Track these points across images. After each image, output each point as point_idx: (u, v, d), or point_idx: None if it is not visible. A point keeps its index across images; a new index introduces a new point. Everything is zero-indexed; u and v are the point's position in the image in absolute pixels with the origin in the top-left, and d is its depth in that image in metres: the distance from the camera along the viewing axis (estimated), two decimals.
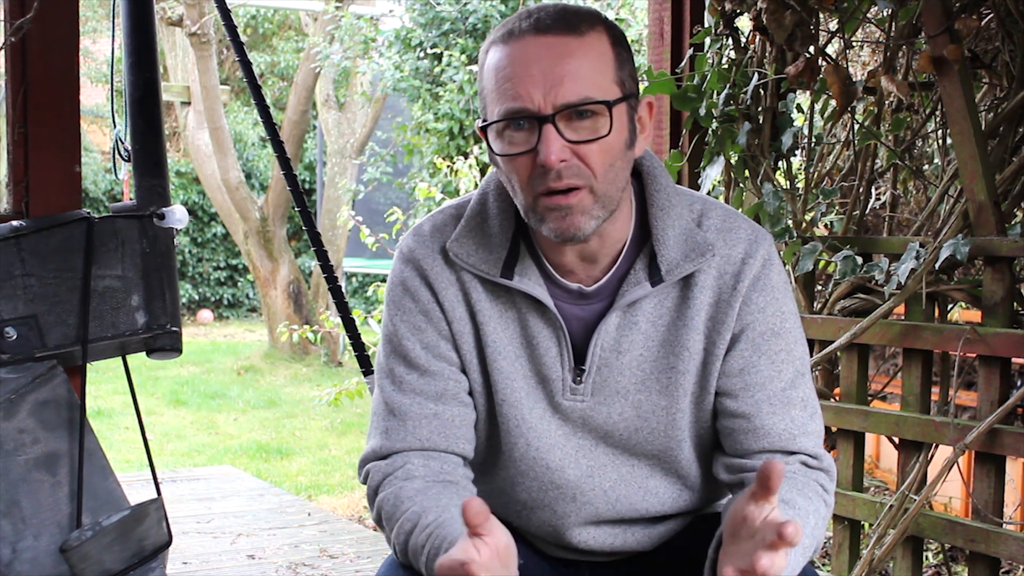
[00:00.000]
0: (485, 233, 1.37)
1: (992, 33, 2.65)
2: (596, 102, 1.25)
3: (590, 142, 1.25)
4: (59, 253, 2.12)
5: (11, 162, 2.30)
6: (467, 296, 1.38)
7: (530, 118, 1.25)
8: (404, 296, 1.40)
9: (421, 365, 1.39)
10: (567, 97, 1.24)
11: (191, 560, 3.70)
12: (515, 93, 1.25)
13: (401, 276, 1.41)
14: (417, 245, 1.41)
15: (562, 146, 1.24)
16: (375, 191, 9.47)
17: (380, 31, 8.94)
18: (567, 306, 1.37)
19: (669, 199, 1.37)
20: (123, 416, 6.94)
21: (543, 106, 1.24)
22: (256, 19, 14.51)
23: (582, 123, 1.26)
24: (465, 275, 1.38)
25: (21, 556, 2.01)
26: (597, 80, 1.26)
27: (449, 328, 1.39)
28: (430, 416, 1.38)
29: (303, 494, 5.09)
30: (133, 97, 2.25)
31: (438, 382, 1.39)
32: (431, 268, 1.39)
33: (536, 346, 1.38)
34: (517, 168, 1.28)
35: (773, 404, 1.35)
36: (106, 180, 12.15)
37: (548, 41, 1.26)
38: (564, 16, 1.27)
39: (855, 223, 2.71)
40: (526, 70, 1.25)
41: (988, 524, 2.26)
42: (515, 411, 1.38)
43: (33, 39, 2.26)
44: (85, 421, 2.12)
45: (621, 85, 1.29)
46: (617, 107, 1.27)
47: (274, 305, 9.69)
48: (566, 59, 1.25)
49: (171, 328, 2.19)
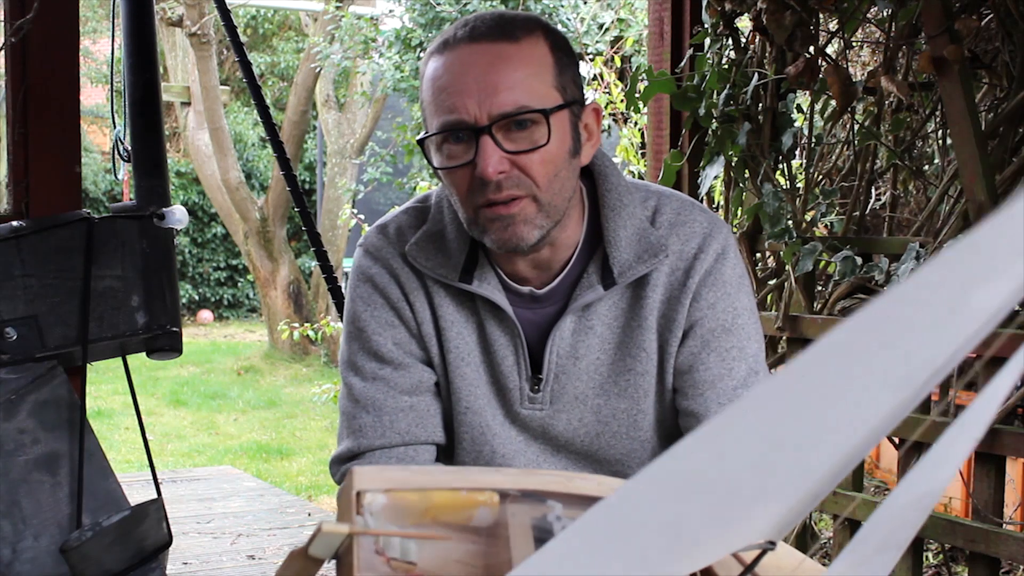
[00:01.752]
0: (444, 239, 1.35)
1: (992, 33, 2.65)
2: (533, 111, 1.21)
3: (529, 152, 1.21)
4: (59, 253, 2.12)
5: (11, 162, 2.30)
6: (431, 300, 1.36)
7: (467, 130, 1.21)
8: (373, 292, 1.37)
9: (394, 359, 1.37)
10: (502, 107, 1.20)
11: (191, 560, 3.70)
12: (451, 105, 1.21)
13: (369, 272, 1.38)
14: (382, 243, 1.39)
15: (500, 157, 1.21)
16: (375, 191, 9.47)
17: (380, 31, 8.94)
18: (520, 311, 1.34)
19: (620, 199, 1.33)
20: (123, 416, 6.94)
21: (479, 117, 1.20)
22: (256, 19, 14.50)
23: (520, 133, 1.22)
24: (428, 280, 1.36)
25: (21, 556, 2.01)
26: (534, 87, 1.22)
27: (419, 329, 1.37)
28: (406, 408, 1.36)
29: (303, 494, 5.09)
30: (133, 97, 2.25)
31: (412, 374, 1.37)
32: (400, 267, 1.37)
33: (494, 354, 1.35)
34: (456, 181, 1.24)
35: (723, 403, 1.31)
36: (106, 180, 12.15)
37: (482, 49, 1.22)
38: (500, 23, 1.24)
39: (855, 223, 2.71)
40: (461, 80, 1.21)
41: (988, 524, 2.26)
42: (479, 418, 1.37)
43: (33, 39, 2.26)
44: (85, 421, 2.11)
45: (562, 91, 1.25)
46: (556, 115, 1.23)
47: (274, 305, 9.69)
48: (501, 67, 1.21)
49: (171, 328, 2.19)
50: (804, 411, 0.77)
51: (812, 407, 0.77)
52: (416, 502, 1.04)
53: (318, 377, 8.74)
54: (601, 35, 6.72)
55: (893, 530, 0.92)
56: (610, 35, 6.70)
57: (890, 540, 0.93)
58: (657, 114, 3.03)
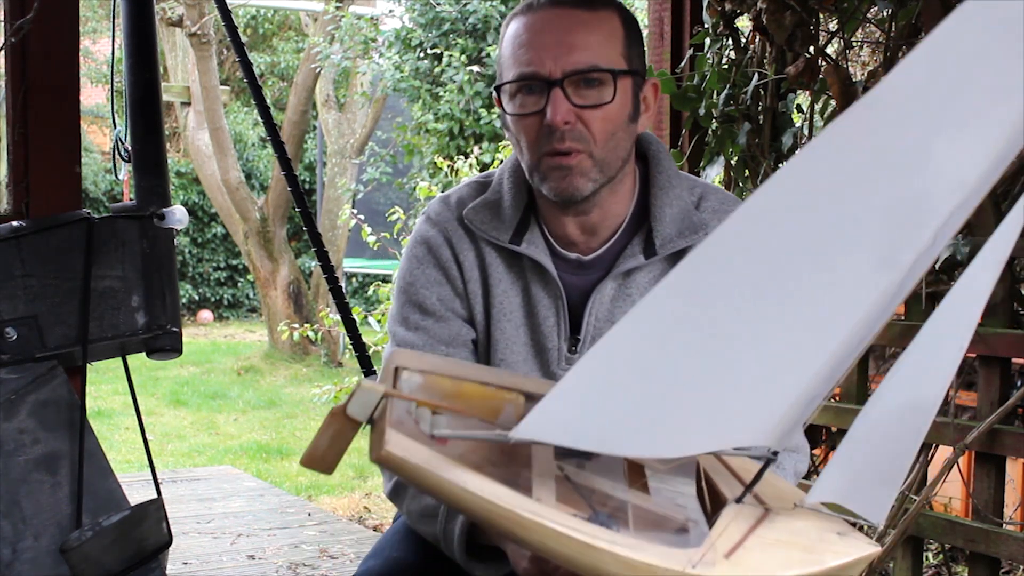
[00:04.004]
0: (500, 205, 1.45)
1: None
2: (603, 70, 1.33)
3: (595, 108, 1.33)
4: (59, 253, 2.12)
5: (11, 162, 2.30)
6: (482, 260, 1.46)
7: (540, 82, 1.33)
8: (427, 253, 1.48)
9: (436, 312, 1.46)
10: (576, 64, 1.32)
11: (191, 560, 3.70)
12: (528, 59, 1.34)
13: (425, 235, 1.49)
14: (443, 209, 1.50)
15: (568, 109, 1.32)
16: (375, 191, 9.48)
17: (380, 31, 8.95)
18: (566, 276, 1.44)
19: (670, 180, 1.44)
20: (123, 416, 6.94)
21: (553, 71, 1.32)
22: (256, 19, 14.51)
23: (588, 90, 1.33)
24: (482, 242, 1.46)
25: (21, 556, 2.01)
26: (606, 52, 1.34)
27: (464, 288, 1.46)
28: (441, 355, 1.43)
29: (303, 494, 5.09)
30: (133, 97, 2.25)
31: (451, 327, 1.46)
32: (454, 231, 1.47)
33: (536, 315, 1.44)
34: (525, 128, 1.36)
35: None
36: (106, 180, 12.15)
37: (563, 13, 1.35)
38: None
39: None
40: (540, 38, 1.34)
41: (988, 524, 2.26)
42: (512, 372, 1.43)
43: (33, 39, 2.26)
44: (85, 421, 2.11)
45: (628, 61, 1.37)
46: (622, 79, 1.35)
47: (274, 305, 9.69)
48: (578, 30, 1.34)
49: (171, 328, 2.19)
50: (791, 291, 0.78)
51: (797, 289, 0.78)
52: (448, 387, 1.08)
53: (318, 377, 8.74)
54: None
55: (882, 452, 0.91)
56: None
57: (885, 469, 0.92)
58: (657, 114, 3.03)
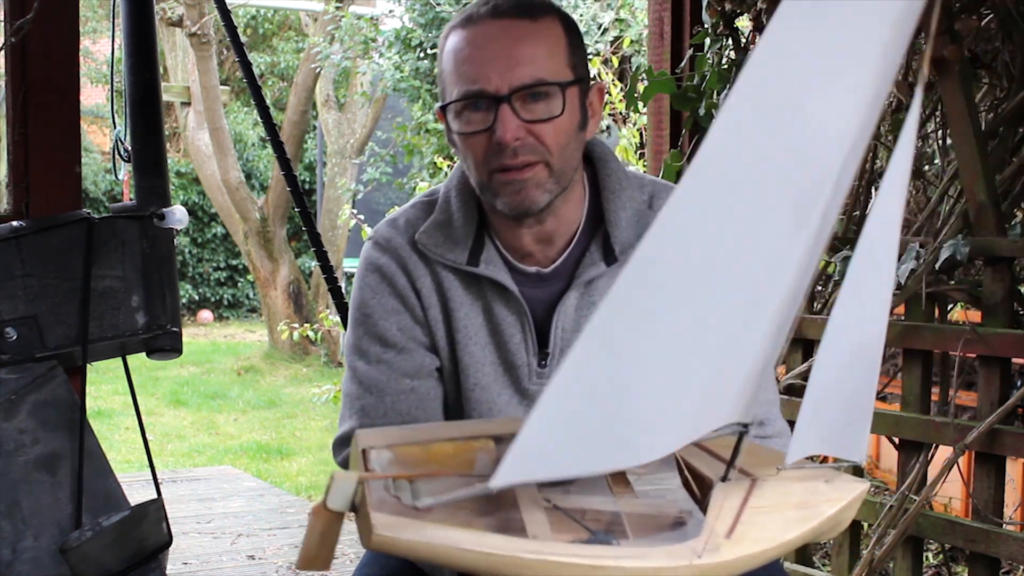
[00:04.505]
0: (451, 225, 1.42)
1: (992, 33, 2.65)
2: (550, 83, 1.30)
3: (544, 121, 1.31)
4: (59, 253, 2.12)
5: (11, 162, 2.30)
6: (440, 285, 1.42)
7: (487, 99, 1.30)
8: (381, 281, 1.44)
9: (397, 343, 1.42)
10: (522, 79, 1.29)
11: (191, 560, 3.70)
12: (473, 75, 1.31)
13: (377, 262, 1.44)
14: (393, 234, 1.45)
15: (517, 125, 1.30)
16: (375, 191, 9.47)
17: (380, 31, 8.94)
18: (527, 290, 1.41)
19: (620, 182, 1.41)
20: (123, 416, 6.94)
21: (500, 87, 1.29)
22: (256, 19, 14.50)
23: (536, 104, 1.31)
24: (437, 265, 1.42)
25: (21, 556, 2.01)
26: (551, 63, 1.31)
27: (424, 315, 1.43)
28: (407, 391, 1.40)
29: (303, 494, 5.08)
30: (133, 97, 2.25)
31: (414, 358, 1.42)
32: (408, 256, 1.43)
33: (501, 333, 1.41)
34: (474, 146, 1.33)
35: None
36: (106, 180, 12.14)
37: (505, 25, 1.32)
38: (520, 2, 1.33)
39: (855, 223, 2.71)
40: (483, 52, 1.31)
41: (988, 524, 2.26)
42: (486, 395, 1.41)
43: (33, 39, 2.26)
44: (85, 421, 2.11)
45: (574, 69, 1.34)
46: (570, 89, 1.32)
47: (274, 305, 9.69)
48: (521, 43, 1.31)
49: (171, 328, 2.19)
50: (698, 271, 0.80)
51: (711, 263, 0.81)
52: (418, 453, 1.08)
53: (318, 377, 8.74)
54: (600, 35, 6.72)
55: (845, 395, 0.94)
56: (609, 35, 6.70)
57: (851, 409, 0.96)
58: (657, 114, 3.03)
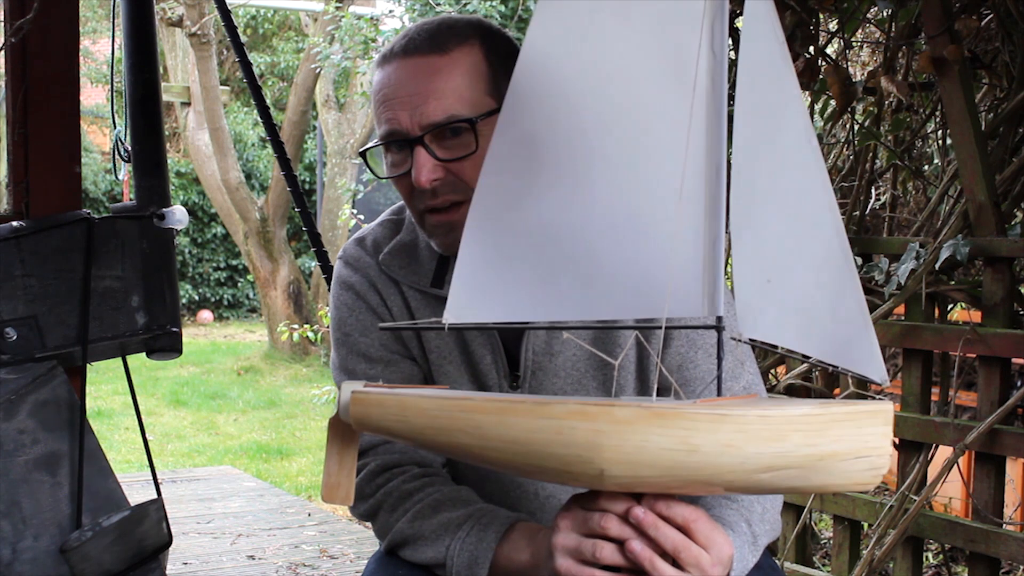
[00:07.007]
0: (416, 247, 1.40)
1: (992, 33, 2.65)
2: (462, 120, 1.25)
3: (461, 160, 1.26)
4: (59, 253, 2.12)
5: (11, 162, 2.30)
6: (408, 306, 1.41)
7: (401, 141, 1.27)
8: (356, 299, 1.42)
9: (383, 358, 1.41)
10: (432, 117, 1.25)
11: (191, 561, 3.70)
12: (388, 116, 1.28)
13: (349, 280, 1.43)
14: (360, 254, 1.44)
15: (434, 165, 1.26)
16: (375, 191, 9.47)
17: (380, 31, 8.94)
18: None
19: None
20: (123, 416, 6.94)
21: (411, 128, 1.26)
22: (256, 19, 14.50)
23: (454, 140, 1.26)
24: (404, 287, 1.41)
25: (21, 556, 2.01)
26: (465, 96, 1.26)
27: (399, 332, 1.42)
28: None
29: (303, 494, 5.08)
30: (133, 97, 2.25)
31: (402, 369, 1.41)
32: (377, 276, 1.42)
33: (472, 353, 1.39)
34: (401, 187, 1.32)
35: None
36: (106, 180, 12.15)
37: (415, 62, 1.27)
38: (434, 35, 1.28)
39: (855, 223, 2.71)
40: (395, 92, 1.27)
41: (988, 524, 2.26)
42: None
43: (33, 39, 2.26)
44: (85, 421, 2.11)
45: (498, 97, 1.26)
46: (487, 121, 1.26)
47: (274, 306, 9.69)
48: (432, 79, 1.26)
49: (171, 329, 2.19)
50: None
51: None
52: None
53: (318, 378, 8.74)
54: None
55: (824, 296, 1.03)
56: None
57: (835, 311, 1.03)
58: None
